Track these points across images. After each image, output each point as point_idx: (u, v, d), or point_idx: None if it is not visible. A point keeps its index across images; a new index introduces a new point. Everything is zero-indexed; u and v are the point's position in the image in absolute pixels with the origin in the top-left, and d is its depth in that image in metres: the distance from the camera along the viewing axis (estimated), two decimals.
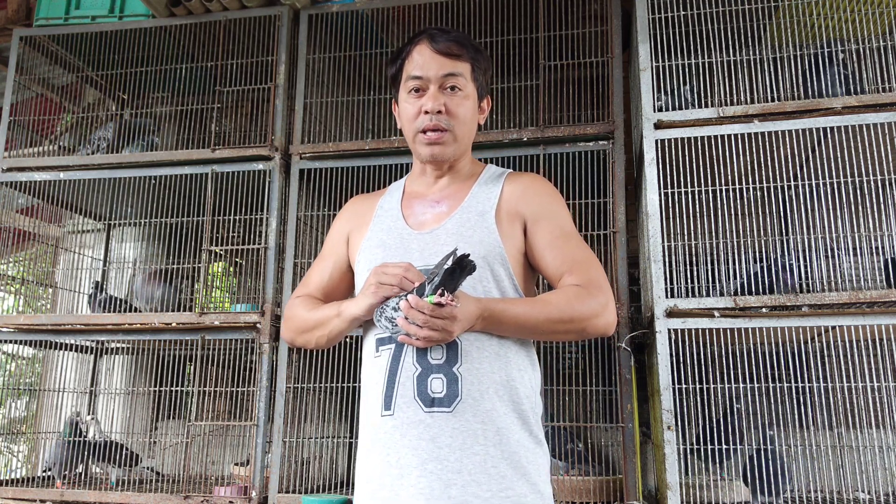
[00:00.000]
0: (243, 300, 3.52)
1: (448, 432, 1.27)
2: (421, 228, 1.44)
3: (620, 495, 2.42)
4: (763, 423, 2.46)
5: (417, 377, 1.30)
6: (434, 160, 1.46)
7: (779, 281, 2.35)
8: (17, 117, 3.14)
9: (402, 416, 1.30)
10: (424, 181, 1.53)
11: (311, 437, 2.78)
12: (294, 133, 2.87)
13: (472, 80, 1.46)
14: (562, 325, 1.32)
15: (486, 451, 1.27)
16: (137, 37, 3.12)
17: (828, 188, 2.49)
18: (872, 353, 2.42)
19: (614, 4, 2.70)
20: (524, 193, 1.46)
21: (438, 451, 1.26)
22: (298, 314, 1.50)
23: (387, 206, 1.53)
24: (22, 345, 3.11)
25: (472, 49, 1.47)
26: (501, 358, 1.34)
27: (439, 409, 1.28)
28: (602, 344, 2.59)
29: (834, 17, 2.64)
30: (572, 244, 1.42)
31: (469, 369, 1.30)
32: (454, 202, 1.46)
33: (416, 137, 1.45)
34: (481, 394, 1.30)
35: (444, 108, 1.42)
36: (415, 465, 1.27)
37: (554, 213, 1.45)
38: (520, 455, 1.30)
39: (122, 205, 3.36)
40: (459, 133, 1.45)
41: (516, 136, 2.62)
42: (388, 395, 1.32)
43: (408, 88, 1.45)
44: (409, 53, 1.46)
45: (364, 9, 2.90)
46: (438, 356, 1.31)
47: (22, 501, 2.74)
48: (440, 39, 1.43)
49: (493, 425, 1.29)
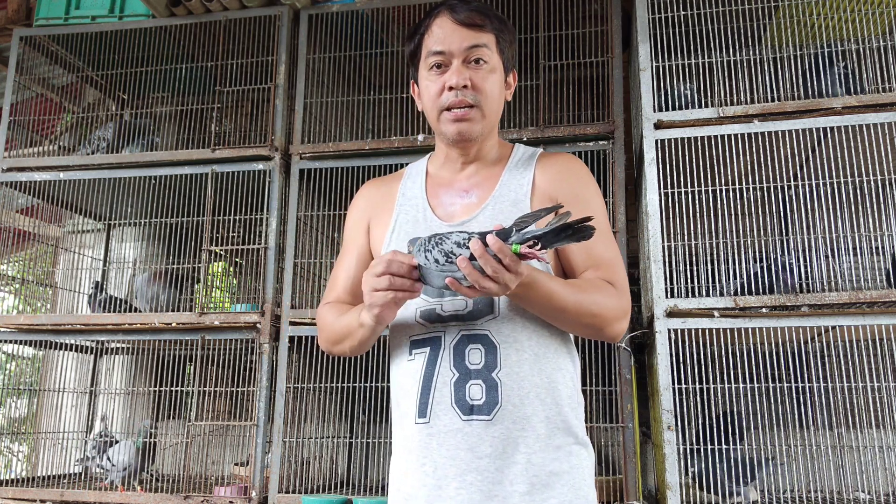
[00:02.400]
0: (243, 300, 3.52)
1: (488, 441, 1.20)
2: (451, 220, 1.34)
3: (620, 495, 2.42)
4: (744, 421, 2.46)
5: (455, 383, 1.23)
6: (462, 138, 1.34)
7: (779, 281, 2.35)
8: (17, 117, 3.14)
9: (438, 423, 1.23)
10: (450, 167, 1.42)
11: (311, 437, 2.78)
12: (294, 133, 2.87)
13: (497, 51, 1.35)
14: (586, 318, 1.24)
15: (528, 459, 1.21)
16: (137, 37, 3.13)
17: (828, 188, 2.49)
18: (872, 353, 2.42)
19: (614, 4, 2.70)
20: (557, 177, 1.36)
21: (478, 462, 1.20)
22: (327, 324, 1.41)
23: (409, 195, 1.42)
24: (22, 345, 3.12)
25: (496, 19, 1.36)
26: (541, 359, 1.26)
27: (478, 416, 1.21)
28: (602, 344, 2.59)
29: (834, 17, 2.64)
30: (601, 241, 1.30)
31: (509, 374, 1.23)
32: (484, 192, 1.36)
33: (441, 116, 1.34)
34: (521, 399, 1.23)
35: (470, 83, 1.31)
36: (453, 475, 1.21)
37: (586, 200, 1.34)
38: (561, 461, 1.24)
39: (122, 205, 3.36)
40: (487, 109, 1.34)
41: (516, 136, 2.62)
42: (424, 401, 1.25)
43: (429, 65, 1.34)
44: (429, 27, 1.35)
45: (364, 9, 2.90)
46: (477, 360, 1.24)
47: (22, 501, 2.75)
48: (461, 10, 1.33)
49: (534, 432, 1.22)
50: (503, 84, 1.39)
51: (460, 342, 1.25)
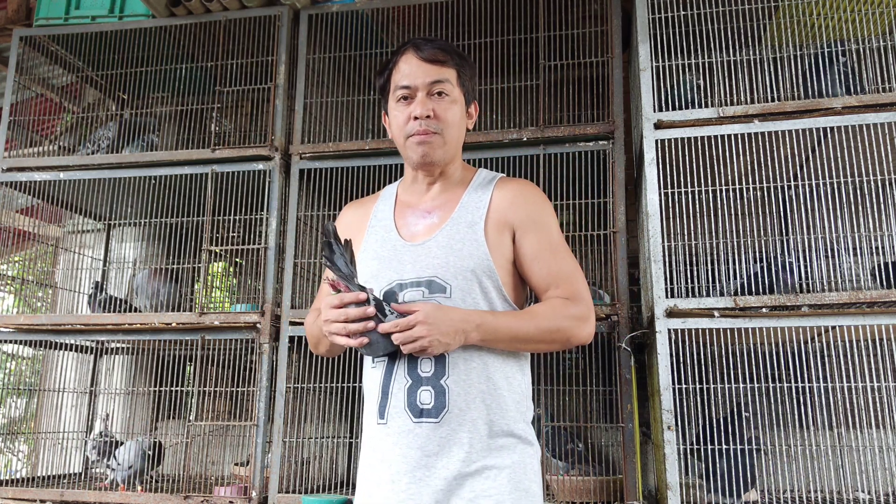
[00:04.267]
0: (243, 300, 3.52)
1: (435, 441, 1.35)
2: (413, 240, 1.48)
3: (620, 495, 2.42)
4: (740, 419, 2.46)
5: (408, 389, 1.38)
6: (425, 161, 1.49)
7: (779, 281, 2.35)
8: (17, 117, 3.14)
9: (394, 425, 1.38)
10: (416, 189, 1.56)
11: (311, 437, 2.78)
12: (294, 133, 2.87)
13: (458, 85, 1.50)
14: (549, 335, 1.40)
15: (469, 456, 1.34)
16: (137, 37, 3.12)
17: (828, 188, 2.49)
18: (872, 353, 2.42)
19: (614, 4, 2.70)
20: (513, 202, 1.48)
21: (427, 460, 1.34)
22: (308, 326, 1.60)
23: (380, 216, 1.57)
24: (22, 345, 3.11)
25: (456, 56, 1.51)
26: (489, 367, 1.40)
27: (427, 419, 1.35)
28: (602, 344, 2.59)
29: (834, 17, 2.64)
30: (559, 256, 1.47)
31: (456, 381, 1.36)
32: (445, 212, 1.50)
33: (407, 142, 1.48)
34: (468, 404, 1.36)
35: (433, 113, 1.45)
36: (405, 471, 1.35)
37: (542, 223, 1.49)
38: (503, 457, 1.37)
39: (122, 205, 3.35)
40: (448, 136, 1.48)
41: (516, 136, 2.62)
42: (383, 404, 1.41)
43: (396, 98, 1.49)
44: (396, 64, 1.50)
45: (364, 9, 2.90)
46: (427, 369, 1.37)
47: (22, 501, 2.75)
48: (425, 48, 1.47)
49: (477, 433, 1.36)
50: (464, 114, 1.54)
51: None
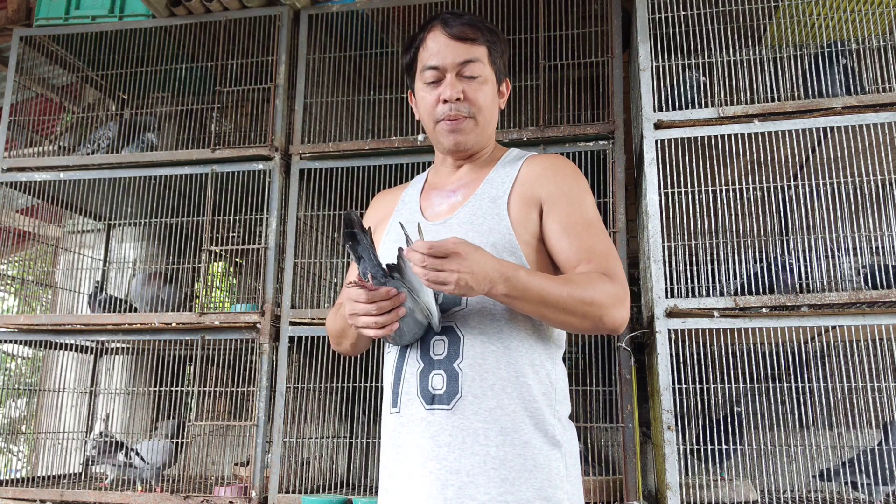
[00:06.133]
0: (243, 300, 3.52)
1: (448, 430, 1.22)
2: (436, 219, 1.39)
3: (620, 495, 2.42)
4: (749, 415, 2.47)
5: (420, 373, 1.27)
6: (457, 148, 1.40)
7: (779, 281, 2.35)
8: (17, 117, 3.14)
9: (407, 413, 1.27)
10: (445, 170, 1.48)
11: (311, 437, 2.78)
12: (294, 133, 2.87)
13: (489, 63, 1.40)
14: (581, 307, 1.20)
15: (486, 451, 1.21)
16: (137, 37, 3.12)
17: (828, 188, 2.49)
18: (872, 353, 2.42)
19: (614, 4, 2.70)
20: (542, 174, 1.36)
21: (438, 451, 1.22)
22: (329, 323, 1.49)
23: (407, 200, 1.49)
24: (22, 345, 3.11)
25: (487, 31, 1.40)
26: (511, 352, 1.26)
27: (439, 406, 1.24)
28: (602, 344, 2.59)
29: (834, 17, 2.64)
30: (592, 233, 1.31)
31: (471, 365, 1.24)
32: (469, 190, 1.41)
33: (437, 127, 1.40)
34: (484, 391, 1.23)
35: (464, 95, 1.36)
36: (417, 463, 1.24)
37: (573, 196, 1.34)
38: (526, 458, 1.22)
39: (122, 205, 3.35)
40: (481, 120, 1.39)
41: (516, 137, 2.62)
42: (395, 391, 1.30)
43: (424, 79, 1.39)
44: (423, 41, 1.40)
45: (364, 9, 2.90)
46: (440, 351, 1.26)
47: (22, 501, 2.75)
48: (454, 24, 1.37)
49: (496, 425, 1.22)
50: (496, 94, 1.44)
51: (427, 334, 1.28)
